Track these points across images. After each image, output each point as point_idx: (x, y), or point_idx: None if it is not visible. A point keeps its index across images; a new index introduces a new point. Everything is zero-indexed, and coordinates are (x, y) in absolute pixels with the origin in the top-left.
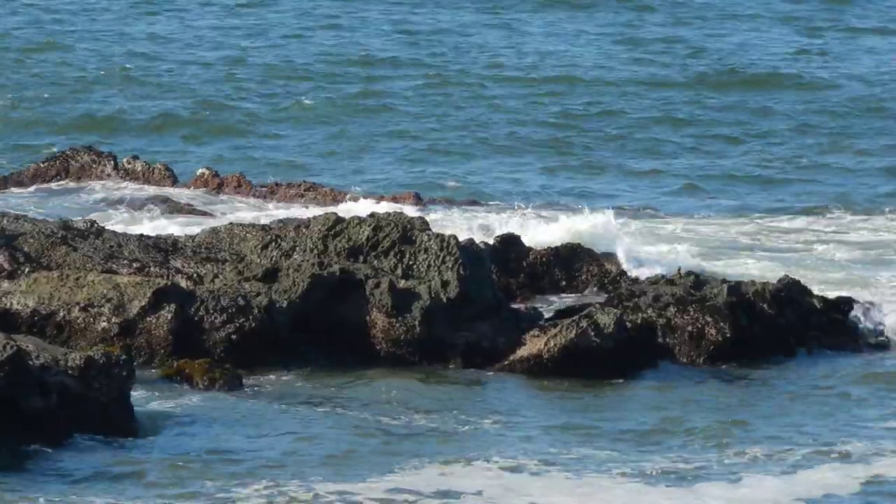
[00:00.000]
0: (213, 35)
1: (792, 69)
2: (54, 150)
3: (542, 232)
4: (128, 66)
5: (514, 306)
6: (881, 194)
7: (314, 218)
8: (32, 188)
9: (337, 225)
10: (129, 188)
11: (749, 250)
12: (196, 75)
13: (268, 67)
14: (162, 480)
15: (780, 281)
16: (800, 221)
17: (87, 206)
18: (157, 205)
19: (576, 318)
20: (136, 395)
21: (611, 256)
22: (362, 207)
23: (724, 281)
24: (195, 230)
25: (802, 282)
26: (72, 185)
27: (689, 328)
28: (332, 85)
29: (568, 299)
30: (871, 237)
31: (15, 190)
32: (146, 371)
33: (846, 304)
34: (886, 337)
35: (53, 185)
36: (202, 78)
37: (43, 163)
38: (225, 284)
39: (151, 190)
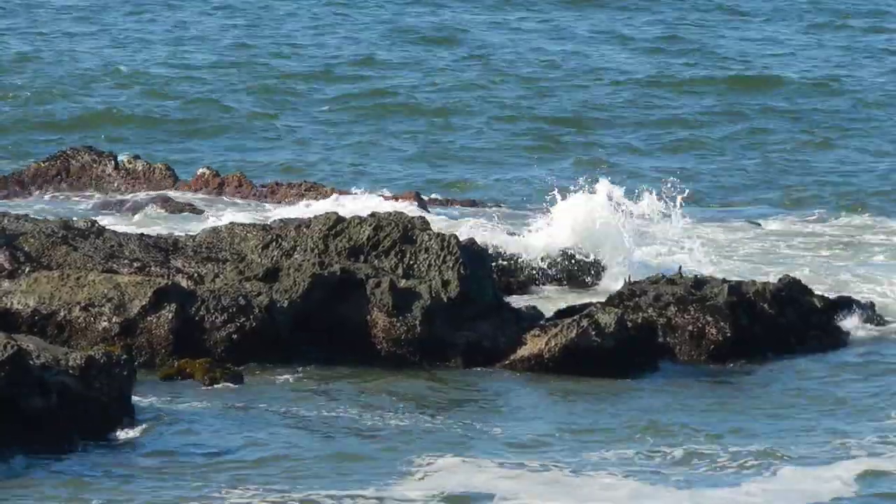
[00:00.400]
0: (213, 34)
1: (793, 70)
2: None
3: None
4: (128, 65)
5: (515, 306)
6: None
7: (315, 217)
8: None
9: (338, 224)
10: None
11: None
12: (196, 75)
13: (269, 68)
14: (161, 481)
15: (780, 280)
16: (818, 225)
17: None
18: (157, 204)
19: (576, 317)
20: (137, 394)
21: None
22: (360, 206)
23: (724, 280)
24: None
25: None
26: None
27: (690, 328)
28: (337, 85)
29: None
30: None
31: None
32: (147, 371)
33: (846, 303)
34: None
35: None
36: (204, 78)
37: (43, 162)
38: (226, 284)
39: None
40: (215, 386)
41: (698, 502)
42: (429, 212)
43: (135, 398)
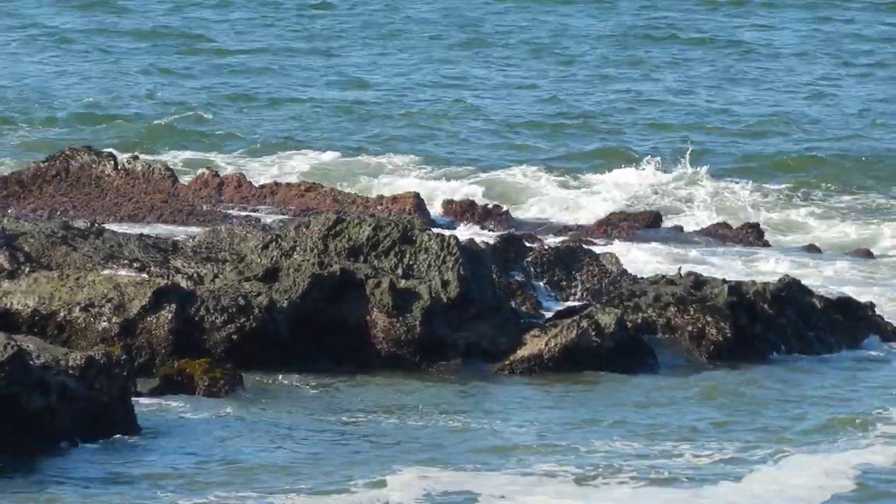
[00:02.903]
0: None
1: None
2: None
3: None
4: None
5: (514, 306)
6: None
7: (314, 217)
8: None
9: (337, 225)
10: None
11: None
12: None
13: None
14: (160, 481)
15: (780, 281)
16: None
17: None
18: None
19: (576, 317)
20: (137, 394)
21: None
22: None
23: (724, 281)
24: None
25: None
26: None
27: (690, 328)
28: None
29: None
30: None
31: None
32: (147, 371)
33: (846, 304)
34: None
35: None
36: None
37: (43, 162)
38: (225, 284)
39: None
40: (215, 386)
41: (699, 500)
42: (428, 213)
43: (134, 398)
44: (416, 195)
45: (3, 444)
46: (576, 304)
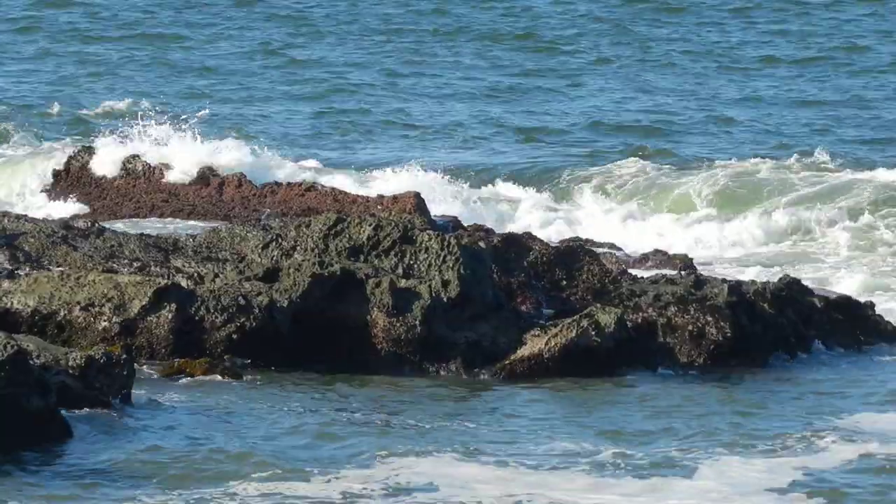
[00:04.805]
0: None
1: None
2: None
3: None
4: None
5: (515, 306)
6: None
7: (315, 217)
8: None
9: (338, 224)
10: None
11: None
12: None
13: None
14: (159, 480)
15: (780, 280)
16: None
17: None
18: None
19: (576, 317)
20: (137, 394)
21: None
22: None
23: (724, 280)
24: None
25: None
26: None
27: (690, 327)
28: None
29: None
30: None
31: None
32: (147, 370)
33: (846, 304)
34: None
35: None
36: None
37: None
38: (226, 284)
39: None
40: (215, 379)
41: (694, 498)
42: (428, 213)
43: (135, 397)
44: (417, 195)
45: (2, 443)
46: (576, 303)
